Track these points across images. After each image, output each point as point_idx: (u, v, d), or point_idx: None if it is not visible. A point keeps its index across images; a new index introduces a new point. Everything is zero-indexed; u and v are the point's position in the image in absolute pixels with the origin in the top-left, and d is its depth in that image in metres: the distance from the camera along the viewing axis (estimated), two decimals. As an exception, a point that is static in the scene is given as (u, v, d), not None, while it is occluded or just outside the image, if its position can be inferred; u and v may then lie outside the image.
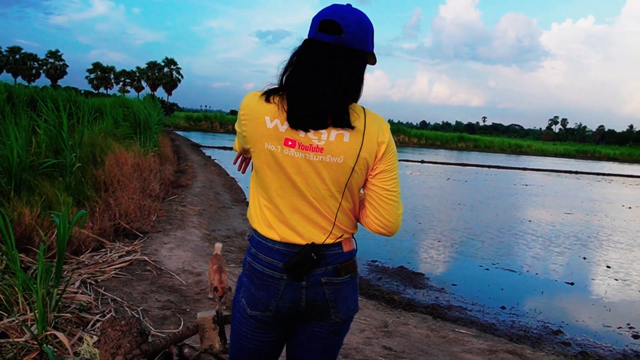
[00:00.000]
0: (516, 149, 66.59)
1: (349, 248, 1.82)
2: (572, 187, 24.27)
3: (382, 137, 1.74)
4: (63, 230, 3.86)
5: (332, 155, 1.69)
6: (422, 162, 32.03)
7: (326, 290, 1.79)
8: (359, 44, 1.68)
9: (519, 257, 8.85)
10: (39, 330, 3.30)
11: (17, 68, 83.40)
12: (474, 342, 4.74)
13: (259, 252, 1.80)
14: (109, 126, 12.92)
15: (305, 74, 1.66)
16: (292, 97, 1.66)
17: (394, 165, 1.78)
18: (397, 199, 1.80)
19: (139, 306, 4.48)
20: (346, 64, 1.67)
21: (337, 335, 1.90)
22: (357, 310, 1.91)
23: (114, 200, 7.21)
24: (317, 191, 1.73)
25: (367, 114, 1.74)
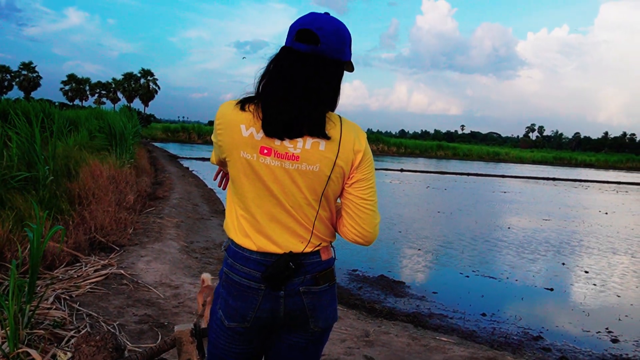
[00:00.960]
0: (494, 156, 67.30)
1: (327, 257, 1.80)
2: (550, 193, 24.55)
3: (359, 146, 1.73)
4: (37, 244, 3.76)
5: (307, 163, 1.67)
6: (402, 171, 32.15)
7: (305, 299, 1.77)
8: (335, 54, 1.68)
9: (498, 264, 8.89)
10: (10, 348, 3.20)
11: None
12: (455, 349, 4.72)
13: (235, 262, 1.77)
14: (84, 138, 12.76)
15: (281, 83, 1.65)
16: (267, 106, 1.65)
17: (370, 174, 1.76)
18: (374, 208, 1.78)
19: (115, 321, 4.38)
20: (321, 74, 1.67)
21: (316, 345, 1.87)
22: (336, 319, 1.88)
23: (89, 213, 7.09)
24: (294, 199, 1.71)
25: (343, 122, 1.73)
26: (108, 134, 13.62)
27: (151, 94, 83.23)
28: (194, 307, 4.90)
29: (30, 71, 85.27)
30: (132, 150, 15.18)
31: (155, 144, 41.80)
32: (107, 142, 13.33)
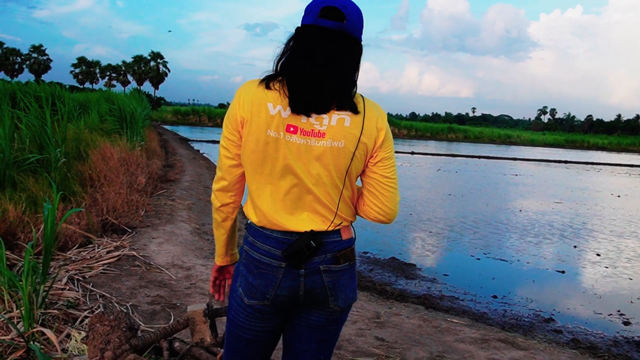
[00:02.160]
0: (506, 139, 66.84)
1: (348, 236, 1.80)
2: (562, 176, 24.40)
3: (382, 124, 1.73)
4: (51, 225, 3.79)
5: (333, 139, 1.67)
6: (413, 154, 32.06)
7: (325, 278, 1.76)
8: (357, 32, 1.68)
9: (509, 247, 8.86)
10: (25, 327, 3.24)
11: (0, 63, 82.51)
12: (467, 331, 4.72)
13: (256, 240, 1.77)
14: (94, 121, 12.79)
15: (306, 60, 1.63)
16: (293, 83, 1.64)
17: (392, 153, 1.78)
18: (396, 186, 1.79)
19: (128, 301, 4.42)
20: (347, 50, 1.66)
21: (335, 324, 1.87)
22: (355, 299, 1.87)
23: (100, 195, 7.12)
24: (318, 178, 1.70)
25: (365, 100, 1.73)
26: (119, 117, 13.65)
27: (161, 77, 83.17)
28: (205, 288, 4.92)
29: (41, 54, 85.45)
30: (142, 133, 15.22)
31: (166, 127, 41.90)
32: (118, 125, 13.37)
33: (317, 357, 1.91)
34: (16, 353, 3.04)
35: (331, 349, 1.94)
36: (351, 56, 1.67)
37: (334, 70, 1.63)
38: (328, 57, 1.63)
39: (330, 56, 1.63)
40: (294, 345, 1.92)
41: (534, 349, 4.44)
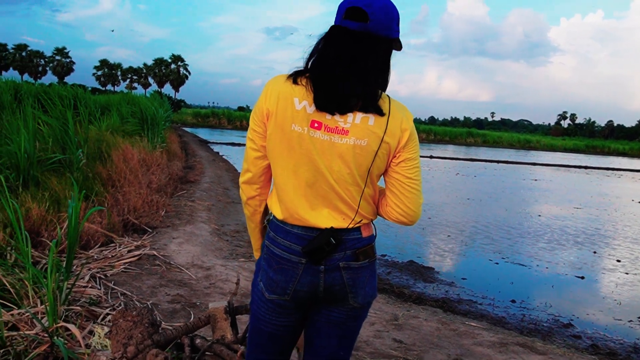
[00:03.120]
0: (525, 144, 66.22)
1: (368, 233, 1.83)
2: (582, 181, 24.13)
3: (406, 124, 1.75)
4: (74, 223, 3.86)
5: (356, 137, 1.69)
6: (431, 158, 31.91)
7: (344, 274, 1.79)
8: (383, 31, 1.68)
9: (528, 252, 8.80)
10: (49, 322, 3.30)
11: (24, 65, 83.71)
12: (485, 335, 4.71)
13: (277, 236, 1.81)
14: (116, 122, 12.94)
15: (332, 60, 1.66)
16: (319, 81, 1.67)
17: (416, 154, 1.79)
18: (419, 187, 1.81)
19: (149, 300, 4.48)
20: (372, 51, 1.67)
21: (355, 321, 1.90)
22: (375, 296, 1.90)
23: (122, 195, 7.22)
24: (340, 175, 1.72)
25: (392, 101, 1.75)
26: (140, 119, 13.80)
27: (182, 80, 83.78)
28: (225, 288, 4.97)
29: (64, 56, 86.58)
30: (163, 134, 15.37)
31: (186, 129, 42.18)
32: (139, 127, 13.52)
33: (336, 353, 1.93)
34: (40, 347, 3.11)
35: (351, 345, 1.95)
36: (376, 56, 1.68)
37: (357, 72, 1.65)
38: (352, 59, 1.65)
39: (354, 58, 1.65)
40: (314, 341, 1.94)
41: (552, 354, 4.41)
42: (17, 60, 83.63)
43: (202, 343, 2.87)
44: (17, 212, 3.95)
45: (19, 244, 3.82)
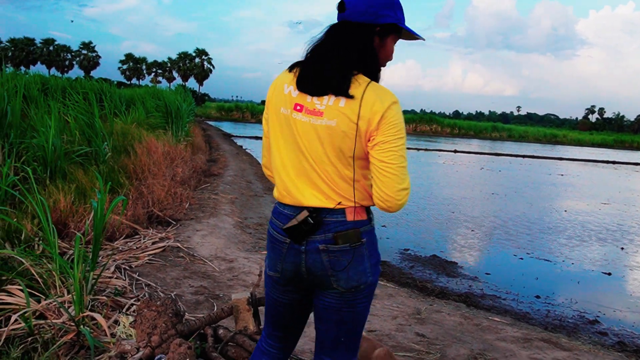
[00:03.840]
0: (551, 138, 65.40)
1: (354, 218, 1.83)
2: (610, 177, 23.76)
3: (379, 107, 1.74)
4: (100, 214, 3.91)
5: (328, 119, 1.77)
6: (455, 152, 31.68)
7: (323, 257, 1.82)
8: (360, 17, 1.78)
9: (554, 247, 8.69)
10: (76, 311, 3.36)
11: (51, 60, 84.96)
12: (508, 330, 4.67)
13: (273, 217, 1.93)
14: (140, 116, 13.08)
15: (315, 48, 1.84)
16: (302, 66, 1.84)
17: (393, 137, 1.76)
18: (395, 172, 1.76)
19: (173, 291, 4.52)
20: (348, 38, 1.79)
21: (350, 307, 1.89)
22: (365, 282, 1.87)
23: (146, 188, 7.30)
24: (317, 154, 1.80)
25: (370, 84, 1.77)
26: (164, 112, 13.93)
27: (206, 73, 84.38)
28: (248, 281, 5.00)
29: (90, 51, 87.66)
30: (187, 128, 15.49)
31: (210, 123, 42.48)
32: (164, 120, 13.64)
33: (337, 338, 1.95)
34: (67, 336, 3.16)
35: (352, 330, 1.95)
36: (350, 42, 1.79)
37: (332, 58, 1.78)
38: (330, 46, 1.81)
39: (332, 45, 1.80)
40: (317, 326, 2.00)
41: (577, 350, 4.35)
42: (45, 54, 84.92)
43: (224, 334, 2.89)
44: (45, 204, 4.02)
45: (47, 235, 3.88)
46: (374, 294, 1.96)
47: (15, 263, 3.97)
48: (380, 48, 1.86)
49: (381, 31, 1.82)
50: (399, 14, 1.84)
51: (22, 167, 5.74)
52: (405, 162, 1.79)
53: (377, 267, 1.91)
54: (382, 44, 1.86)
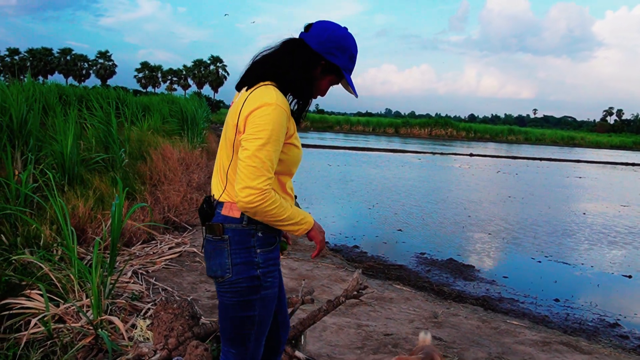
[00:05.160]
0: (569, 141, 64.74)
1: (229, 214, 1.89)
2: (629, 179, 23.48)
3: (253, 104, 1.82)
4: (118, 221, 3.94)
5: (230, 110, 1.94)
6: (471, 155, 31.51)
7: (205, 245, 1.95)
8: (316, 44, 1.92)
9: (572, 250, 8.60)
10: (94, 315, 3.39)
11: (69, 69, 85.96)
12: (527, 333, 4.62)
13: None
14: (156, 123, 13.18)
15: (265, 52, 1.99)
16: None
17: (251, 136, 1.80)
18: (243, 169, 1.79)
19: (189, 295, 4.55)
20: (288, 50, 1.93)
21: (220, 297, 1.96)
22: (220, 275, 1.91)
23: (162, 194, 7.35)
24: (220, 145, 1.98)
25: (263, 88, 1.87)
26: (180, 119, 14.03)
27: (220, 80, 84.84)
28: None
29: (107, 59, 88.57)
30: (202, 134, 15.57)
31: (225, 130, 42.58)
32: (179, 127, 13.74)
33: (219, 323, 2.03)
34: (85, 339, 3.19)
35: (223, 320, 1.98)
36: (288, 55, 1.92)
37: (260, 61, 1.94)
38: (276, 55, 1.94)
39: (278, 55, 1.93)
40: None
41: (598, 354, 4.30)
42: (62, 64, 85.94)
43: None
44: (65, 209, 4.07)
45: (66, 239, 3.93)
46: (253, 298, 1.92)
47: (35, 268, 4.02)
48: (318, 81, 1.99)
49: (325, 66, 1.95)
50: (348, 63, 1.96)
51: (41, 174, 5.81)
52: (258, 163, 1.77)
53: (245, 269, 1.89)
54: (321, 78, 1.98)
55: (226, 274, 1.89)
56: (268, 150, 1.77)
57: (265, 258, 1.91)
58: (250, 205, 1.76)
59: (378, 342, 4.04)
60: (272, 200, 1.78)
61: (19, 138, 6.76)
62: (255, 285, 1.89)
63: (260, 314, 1.94)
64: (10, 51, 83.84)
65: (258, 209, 1.77)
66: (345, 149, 30.46)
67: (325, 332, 4.15)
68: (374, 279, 6.03)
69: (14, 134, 6.73)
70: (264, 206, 1.77)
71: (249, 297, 1.90)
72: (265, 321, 1.97)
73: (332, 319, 4.39)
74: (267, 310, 1.96)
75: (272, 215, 1.80)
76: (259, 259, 1.89)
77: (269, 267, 1.92)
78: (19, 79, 8.53)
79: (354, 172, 18.42)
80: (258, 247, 1.89)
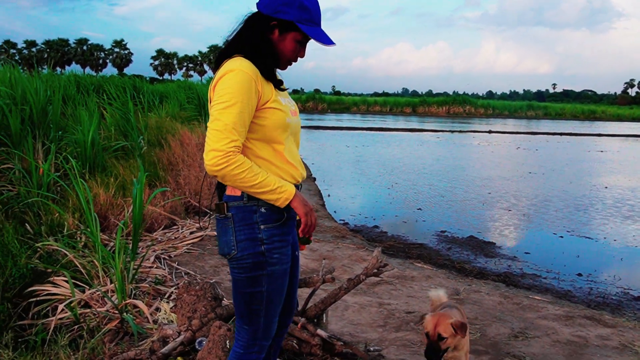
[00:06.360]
0: (589, 115, 63.77)
1: (231, 193, 1.95)
2: (651, 151, 23.09)
3: (219, 75, 1.88)
4: (139, 206, 3.99)
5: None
6: (490, 132, 31.18)
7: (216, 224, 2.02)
8: (264, 8, 1.94)
9: (595, 224, 8.51)
10: (119, 300, 3.45)
11: (85, 59, 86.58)
12: (550, 308, 4.61)
13: None
14: (174, 109, 13.23)
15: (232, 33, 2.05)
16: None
17: (216, 102, 1.83)
18: (208, 133, 1.79)
19: (212, 279, 4.60)
20: (248, 25, 1.97)
21: (231, 273, 2.00)
22: (227, 252, 1.95)
23: (183, 179, 7.40)
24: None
25: (231, 60, 1.90)
26: (197, 105, 14.07)
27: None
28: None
29: (122, 48, 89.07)
30: (220, 119, 15.56)
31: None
32: (196, 112, 13.77)
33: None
34: (111, 323, 3.25)
35: (235, 296, 2.02)
36: (251, 30, 1.96)
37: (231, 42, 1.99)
38: (237, 33, 2.00)
39: (238, 33, 2.00)
40: None
41: (622, 327, 4.27)
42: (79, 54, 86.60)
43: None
44: (89, 196, 4.13)
45: (90, 226, 3.99)
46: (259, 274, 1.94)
47: (60, 255, 4.09)
48: (279, 43, 1.96)
49: (279, 26, 1.94)
50: (301, 13, 1.91)
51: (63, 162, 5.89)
52: (221, 126, 1.78)
53: (250, 245, 1.91)
54: (282, 39, 1.96)
55: (232, 250, 1.92)
56: (231, 112, 1.78)
57: (270, 234, 1.91)
58: (215, 167, 1.75)
59: (400, 320, 4.06)
60: (239, 163, 1.76)
61: (39, 129, 6.84)
62: (261, 261, 1.91)
63: (269, 290, 1.95)
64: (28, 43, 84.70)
65: (224, 172, 1.76)
66: (362, 130, 30.35)
67: (348, 311, 4.18)
68: (394, 258, 6.03)
69: (35, 124, 6.82)
70: (229, 169, 1.75)
71: (256, 272, 1.92)
72: (275, 298, 1.98)
73: (353, 298, 4.42)
74: (276, 286, 1.97)
75: (241, 180, 1.78)
76: (263, 235, 1.90)
77: (274, 244, 1.92)
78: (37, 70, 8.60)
79: (372, 153, 18.37)
80: (261, 223, 1.90)
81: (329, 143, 20.84)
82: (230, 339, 2.47)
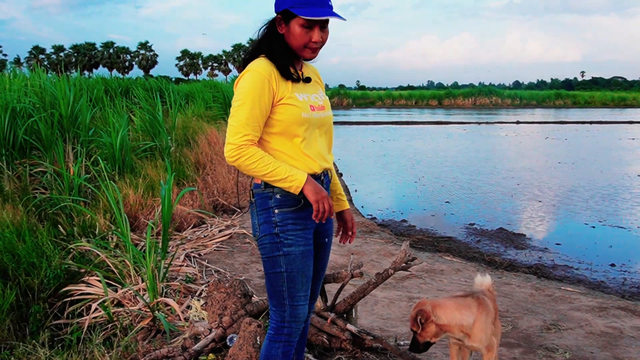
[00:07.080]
0: (620, 102, 62.35)
1: (255, 181, 2.08)
2: (685, 137, 22.52)
3: (242, 73, 2.02)
4: (168, 205, 4.04)
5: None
6: (518, 123, 30.76)
7: None
8: (275, 9, 2.03)
9: (628, 214, 8.34)
10: (150, 298, 3.50)
11: (112, 62, 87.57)
12: (582, 299, 4.54)
13: None
14: (200, 109, 13.36)
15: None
16: None
17: (234, 99, 1.98)
18: (227, 130, 1.96)
19: (241, 276, 4.64)
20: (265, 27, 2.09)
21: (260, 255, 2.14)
22: (254, 234, 2.13)
23: (211, 178, 7.47)
24: None
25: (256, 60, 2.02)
26: (222, 103, 14.19)
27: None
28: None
29: (148, 50, 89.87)
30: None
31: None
32: (222, 111, 13.89)
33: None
34: (144, 321, 3.30)
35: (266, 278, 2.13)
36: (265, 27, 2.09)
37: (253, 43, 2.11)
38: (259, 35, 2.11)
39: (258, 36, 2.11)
40: None
41: (658, 317, 4.19)
42: (106, 57, 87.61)
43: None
44: (119, 196, 4.20)
45: (120, 226, 4.05)
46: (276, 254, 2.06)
47: (92, 256, 4.17)
48: (288, 34, 2.02)
49: (282, 19, 2.01)
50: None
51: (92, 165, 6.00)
52: (235, 122, 1.94)
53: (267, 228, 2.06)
54: (288, 30, 2.02)
55: (256, 232, 2.11)
56: (244, 109, 1.93)
57: (283, 217, 2.04)
58: (231, 159, 1.93)
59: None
60: (250, 155, 1.91)
61: (69, 132, 6.98)
62: (276, 242, 2.04)
63: (288, 271, 2.05)
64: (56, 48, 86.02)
65: (239, 162, 1.93)
66: (388, 124, 30.23)
67: (377, 306, 4.18)
68: (423, 252, 6.01)
69: (64, 128, 6.96)
70: (242, 160, 1.91)
71: (273, 253, 2.06)
72: (296, 278, 2.07)
73: (383, 293, 4.42)
74: (295, 267, 2.06)
75: (254, 170, 1.93)
76: (276, 218, 2.04)
77: (287, 226, 2.04)
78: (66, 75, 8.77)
79: (398, 147, 18.29)
80: (276, 207, 2.04)
81: (354, 138, 20.80)
82: (260, 335, 2.49)
